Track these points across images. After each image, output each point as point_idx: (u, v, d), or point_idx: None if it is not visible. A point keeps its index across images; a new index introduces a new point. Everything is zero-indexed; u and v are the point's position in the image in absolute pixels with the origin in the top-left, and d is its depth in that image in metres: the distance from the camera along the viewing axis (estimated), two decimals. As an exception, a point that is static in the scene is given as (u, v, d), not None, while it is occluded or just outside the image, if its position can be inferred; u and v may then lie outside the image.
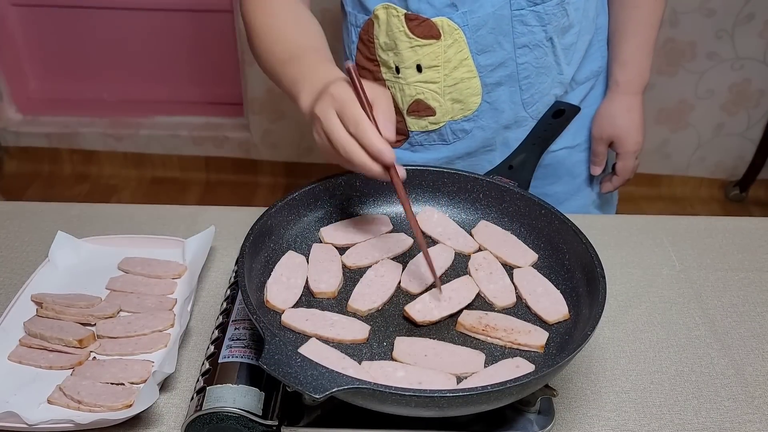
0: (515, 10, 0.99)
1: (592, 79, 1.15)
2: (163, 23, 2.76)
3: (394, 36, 1.02)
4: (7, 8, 2.74)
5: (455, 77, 1.03)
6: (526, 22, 1.00)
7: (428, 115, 1.07)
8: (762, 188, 2.86)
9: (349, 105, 0.74)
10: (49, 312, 0.84)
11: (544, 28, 1.01)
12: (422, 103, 1.06)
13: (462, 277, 0.83)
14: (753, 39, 2.52)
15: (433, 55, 1.01)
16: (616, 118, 1.15)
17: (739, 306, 0.93)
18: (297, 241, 0.87)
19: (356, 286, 0.81)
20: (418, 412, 0.63)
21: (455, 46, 1.00)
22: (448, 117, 1.07)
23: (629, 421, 0.77)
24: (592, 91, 1.16)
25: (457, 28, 0.99)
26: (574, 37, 1.06)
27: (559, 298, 0.80)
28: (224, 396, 0.69)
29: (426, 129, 1.09)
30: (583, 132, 1.18)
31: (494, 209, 0.92)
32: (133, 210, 1.09)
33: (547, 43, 1.03)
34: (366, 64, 1.08)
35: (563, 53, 1.06)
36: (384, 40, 1.03)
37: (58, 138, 2.88)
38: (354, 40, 1.09)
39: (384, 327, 0.77)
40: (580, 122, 1.16)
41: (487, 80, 1.04)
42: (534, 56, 1.03)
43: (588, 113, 1.17)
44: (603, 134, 1.16)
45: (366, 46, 1.07)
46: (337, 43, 0.97)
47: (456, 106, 1.06)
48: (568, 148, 1.17)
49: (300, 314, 0.76)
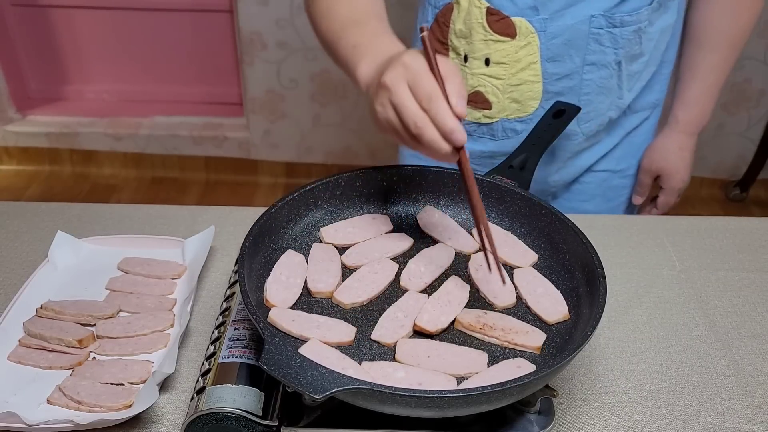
0: (593, 28, 0.99)
1: (648, 110, 1.16)
2: (163, 23, 2.76)
3: (470, 25, 1.02)
4: (6, 8, 2.74)
5: (520, 78, 1.04)
6: (600, 41, 1.01)
7: (484, 108, 1.08)
8: (762, 188, 2.86)
9: (422, 77, 0.70)
10: (48, 312, 0.84)
11: (615, 51, 1.02)
12: (481, 95, 1.06)
13: (451, 278, 0.83)
14: (753, 39, 2.51)
15: (504, 53, 1.02)
16: (668, 153, 1.17)
17: (740, 306, 0.93)
18: (297, 240, 0.87)
19: (346, 279, 0.81)
20: (418, 412, 0.63)
21: (527, 49, 1.01)
22: (503, 114, 1.08)
23: (629, 422, 0.77)
24: (646, 122, 1.17)
25: (534, 32, 1.00)
26: (642, 66, 1.08)
27: (559, 299, 0.80)
28: (224, 396, 0.69)
29: (479, 121, 1.10)
30: (629, 159, 1.20)
31: (494, 209, 0.91)
32: (133, 210, 1.09)
33: (614, 65, 1.04)
34: (437, 45, 1.09)
35: (627, 79, 1.07)
36: (460, 27, 1.04)
37: (58, 138, 2.88)
38: (429, 20, 1.09)
39: (384, 327, 0.77)
40: (628, 149, 1.18)
41: (550, 88, 1.05)
42: (599, 75, 1.04)
43: (637, 142, 1.18)
44: (652, 167, 1.19)
45: (440, 29, 1.07)
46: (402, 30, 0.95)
47: (513, 106, 1.07)
48: (610, 171, 1.19)
49: (287, 314, 0.75)
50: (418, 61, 0.71)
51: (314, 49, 2.59)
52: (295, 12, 2.53)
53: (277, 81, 2.70)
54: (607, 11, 0.98)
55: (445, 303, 0.79)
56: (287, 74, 2.68)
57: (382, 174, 0.92)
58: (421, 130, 0.70)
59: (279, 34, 2.58)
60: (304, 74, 2.68)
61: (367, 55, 0.80)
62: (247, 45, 2.60)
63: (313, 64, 2.64)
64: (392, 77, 0.72)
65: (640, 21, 1.00)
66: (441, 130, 0.70)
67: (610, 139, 1.17)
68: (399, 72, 0.71)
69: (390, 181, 0.92)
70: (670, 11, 1.06)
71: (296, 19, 2.54)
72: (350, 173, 0.90)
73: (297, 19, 2.55)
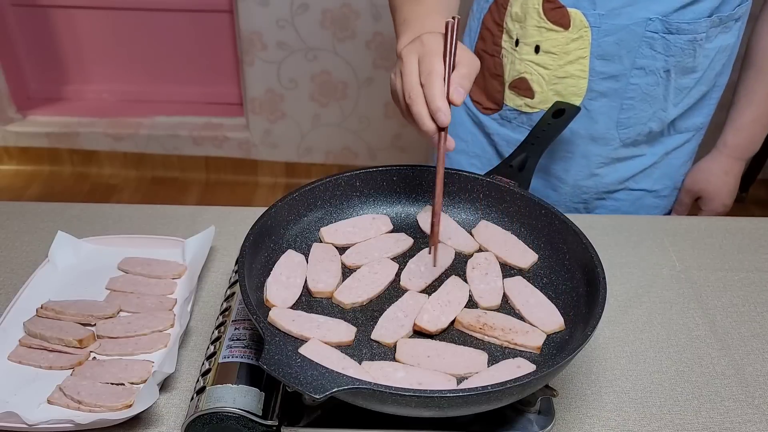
0: (648, 31, 0.99)
1: (691, 132, 1.15)
2: (163, 23, 2.76)
3: (527, 10, 1.03)
4: (6, 8, 2.74)
5: (567, 71, 1.04)
6: (653, 46, 1.00)
7: (527, 96, 1.08)
8: (762, 188, 2.85)
9: (431, 55, 0.74)
10: (49, 312, 0.84)
11: (666, 58, 1.01)
12: (526, 82, 1.07)
13: (451, 278, 0.83)
14: (753, 39, 2.52)
15: (554, 42, 1.02)
16: (712, 176, 1.18)
17: (740, 306, 0.93)
18: (297, 240, 0.87)
19: (346, 279, 0.81)
20: (419, 412, 0.63)
21: (579, 42, 1.01)
22: (544, 106, 1.08)
23: (629, 422, 0.77)
24: (687, 144, 1.16)
25: (587, 26, 1.00)
26: (692, 82, 1.06)
27: (552, 309, 0.79)
28: (224, 396, 0.69)
29: (519, 108, 1.11)
30: (665, 180, 1.19)
31: (494, 209, 0.92)
32: (133, 210, 1.09)
33: (663, 74, 1.03)
34: (491, 26, 1.09)
35: (674, 92, 1.06)
36: (516, 10, 1.04)
37: (58, 138, 2.88)
38: (489, 0, 1.10)
39: (384, 327, 0.77)
40: (666, 170, 1.17)
41: (595, 86, 1.05)
42: (646, 82, 1.04)
43: (676, 164, 1.17)
44: (694, 187, 1.20)
45: (498, 9, 1.08)
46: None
47: (555, 99, 1.07)
48: (646, 191, 1.18)
49: (287, 314, 0.76)
50: (435, 42, 0.75)
51: (314, 49, 2.59)
52: (295, 12, 2.53)
53: (277, 81, 2.70)
54: (665, 16, 0.98)
55: (445, 303, 0.79)
56: (287, 74, 2.68)
57: (382, 174, 0.92)
58: (412, 101, 0.74)
59: (279, 34, 2.58)
60: (304, 74, 2.68)
61: (409, 31, 0.84)
62: (247, 45, 2.60)
63: (313, 64, 2.64)
64: (408, 50, 0.77)
65: (697, 32, 0.99)
66: (429, 107, 0.73)
67: (649, 155, 1.15)
68: (415, 46, 0.76)
69: (390, 181, 0.92)
70: (731, 32, 1.04)
71: (296, 19, 2.54)
72: (350, 173, 0.90)
73: (297, 19, 2.55)
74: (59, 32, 2.80)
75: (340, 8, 2.48)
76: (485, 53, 1.12)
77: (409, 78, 0.75)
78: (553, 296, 0.81)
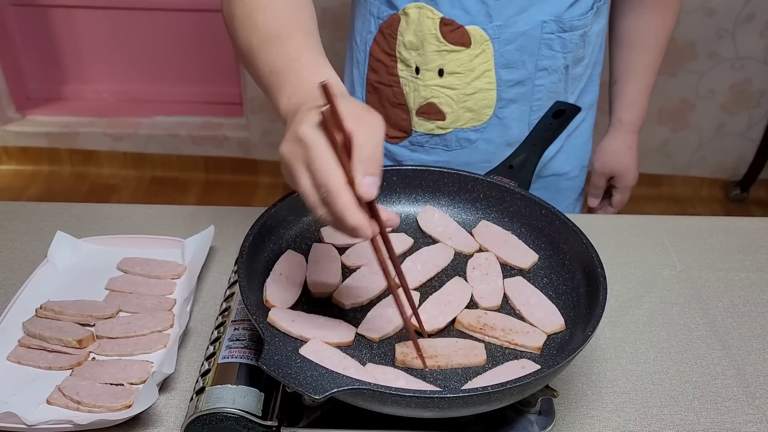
0: (545, 33, 1.00)
1: (585, 111, 1.17)
2: (163, 23, 2.76)
3: (423, 37, 1.01)
4: (6, 8, 2.74)
5: (475, 86, 1.03)
6: (552, 46, 1.01)
7: (438, 119, 1.07)
8: (763, 188, 2.85)
9: (319, 159, 0.59)
10: (48, 312, 0.84)
11: (564, 55, 1.03)
12: (434, 106, 1.05)
13: (454, 279, 0.83)
14: (754, 39, 2.52)
15: (458, 62, 1.01)
16: (618, 155, 1.23)
17: (740, 306, 0.93)
18: (297, 240, 0.87)
19: (346, 279, 0.81)
20: (419, 413, 0.63)
21: (482, 56, 1.01)
22: (457, 124, 1.07)
23: (630, 422, 0.76)
24: (584, 123, 1.19)
25: (488, 39, 1.00)
26: (583, 69, 1.09)
27: (553, 309, 0.79)
28: (224, 396, 0.69)
29: (432, 132, 1.09)
30: (572, 161, 1.20)
31: (495, 209, 0.91)
32: (133, 210, 1.09)
33: (563, 70, 1.05)
34: (382, 57, 1.07)
35: (571, 82, 1.09)
36: (410, 39, 1.02)
37: (58, 138, 2.88)
38: (372, 30, 1.07)
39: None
40: (570, 152, 1.19)
41: (503, 95, 1.05)
42: (550, 80, 1.05)
43: (577, 144, 1.20)
44: (605, 169, 1.24)
45: (386, 40, 1.05)
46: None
47: (467, 115, 1.06)
48: (556, 175, 1.19)
49: (286, 315, 0.75)
50: (315, 136, 0.60)
51: (314, 49, 2.59)
52: (295, 12, 2.53)
53: (277, 81, 2.70)
54: (557, 16, 0.99)
55: (445, 303, 0.78)
56: (287, 74, 2.68)
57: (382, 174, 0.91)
58: (326, 221, 0.62)
59: (279, 34, 2.58)
60: (303, 74, 2.67)
61: (285, 86, 0.69)
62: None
63: (312, 64, 2.63)
64: (288, 154, 0.62)
65: (586, 25, 1.02)
66: (344, 227, 0.61)
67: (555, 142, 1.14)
68: (295, 151, 0.61)
69: (390, 181, 0.92)
70: (602, 15, 1.08)
71: (296, 18, 2.54)
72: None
73: (297, 19, 2.54)
74: (59, 32, 2.80)
75: (340, 8, 2.48)
76: (381, 84, 1.09)
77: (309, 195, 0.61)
78: (553, 296, 0.81)
